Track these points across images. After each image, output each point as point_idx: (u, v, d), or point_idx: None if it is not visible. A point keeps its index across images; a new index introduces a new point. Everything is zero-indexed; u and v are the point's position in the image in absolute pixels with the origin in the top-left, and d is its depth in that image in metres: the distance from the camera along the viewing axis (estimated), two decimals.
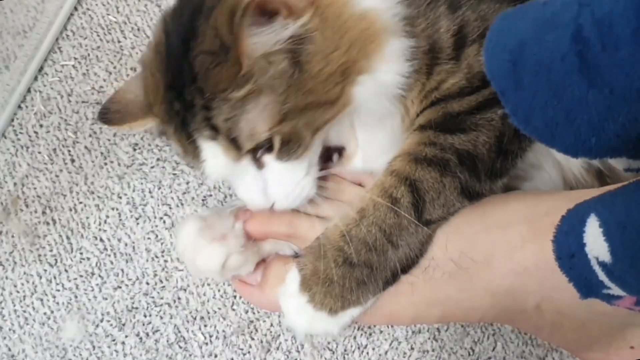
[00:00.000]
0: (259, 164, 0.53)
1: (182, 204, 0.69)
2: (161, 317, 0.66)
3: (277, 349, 0.65)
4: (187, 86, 0.50)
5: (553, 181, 0.60)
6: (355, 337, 0.65)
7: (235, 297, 0.66)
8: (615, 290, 0.40)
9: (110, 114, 0.59)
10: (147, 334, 0.65)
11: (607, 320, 0.53)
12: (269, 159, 0.53)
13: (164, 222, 0.69)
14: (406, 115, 0.57)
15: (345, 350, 0.65)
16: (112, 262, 0.68)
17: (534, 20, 0.38)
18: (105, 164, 0.70)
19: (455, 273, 0.53)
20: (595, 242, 0.39)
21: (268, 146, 0.52)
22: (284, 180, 0.54)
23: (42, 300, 0.67)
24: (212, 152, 0.53)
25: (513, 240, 0.52)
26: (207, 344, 0.65)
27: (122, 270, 0.67)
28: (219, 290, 0.66)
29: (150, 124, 0.57)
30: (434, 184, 0.52)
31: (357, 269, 0.52)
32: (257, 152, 0.53)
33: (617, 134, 0.35)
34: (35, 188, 0.70)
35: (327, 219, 0.57)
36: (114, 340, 0.65)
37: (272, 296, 0.58)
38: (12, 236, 0.68)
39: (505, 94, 0.39)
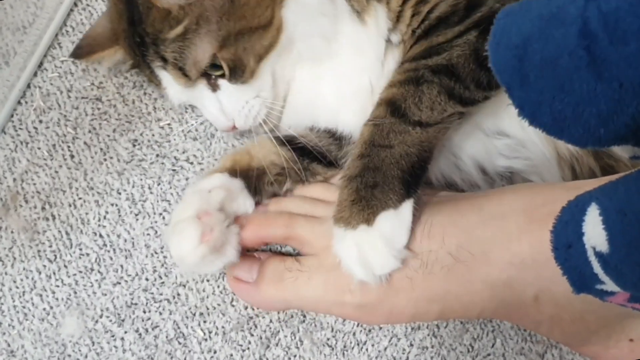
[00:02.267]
0: (214, 87, 0.60)
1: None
2: (160, 313, 0.66)
3: (277, 345, 0.65)
4: (137, 25, 0.58)
5: (547, 157, 0.61)
6: (354, 334, 0.65)
7: (234, 293, 0.66)
8: (609, 285, 0.40)
9: (80, 49, 0.67)
10: (147, 330, 0.65)
11: (605, 312, 0.53)
12: (222, 82, 0.60)
13: (164, 218, 0.69)
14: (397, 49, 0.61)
15: (344, 346, 0.65)
16: (111, 258, 0.67)
17: (539, 16, 0.38)
18: (105, 159, 0.70)
19: (454, 267, 0.54)
20: (594, 231, 0.39)
21: (222, 73, 0.59)
22: (234, 99, 0.60)
23: (41, 296, 0.66)
24: (167, 80, 0.61)
25: (509, 232, 0.52)
26: (206, 340, 0.65)
27: (122, 266, 0.67)
28: (218, 287, 0.66)
29: (118, 56, 0.65)
30: (409, 92, 0.55)
31: (362, 176, 0.54)
32: (210, 77, 0.60)
33: (627, 123, 0.36)
34: (34, 184, 0.70)
35: (323, 219, 0.58)
36: (113, 336, 0.65)
37: (268, 294, 0.60)
38: (12, 232, 0.68)
39: (512, 89, 0.39)
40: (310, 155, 0.66)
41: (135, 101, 0.73)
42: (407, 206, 0.54)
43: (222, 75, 0.60)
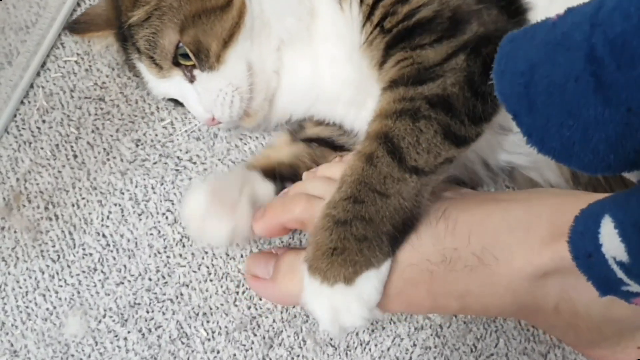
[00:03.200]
0: (190, 78, 0.61)
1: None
2: (163, 313, 0.66)
3: (280, 345, 0.65)
4: (119, 15, 0.61)
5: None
6: (357, 334, 0.65)
7: (237, 292, 0.66)
8: (634, 287, 0.40)
9: (78, 24, 0.68)
10: (150, 330, 0.65)
11: (621, 324, 0.53)
12: (197, 72, 0.60)
13: (167, 218, 0.69)
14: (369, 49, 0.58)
15: (347, 346, 0.65)
16: (114, 258, 0.67)
17: (544, 42, 0.38)
18: (108, 159, 0.70)
19: (477, 268, 0.53)
20: (612, 243, 0.38)
21: (193, 63, 0.59)
22: (208, 89, 0.60)
23: (44, 296, 0.66)
24: (144, 72, 0.62)
25: (533, 244, 0.51)
26: (209, 339, 0.65)
27: (125, 266, 0.67)
28: (221, 286, 0.66)
29: (109, 40, 0.66)
30: (407, 130, 0.51)
31: (351, 225, 0.50)
32: (184, 68, 0.60)
33: (636, 149, 0.35)
34: (37, 184, 0.70)
35: None
36: (116, 336, 0.65)
37: (285, 288, 0.58)
38: (15, 232, 0.68)
39: (519, 116, 0.39)
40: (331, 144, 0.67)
41: (138, 101, 0.72)
42: (387, 265, 0.52)
43: (195, 66, 0.60)
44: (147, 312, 0.66)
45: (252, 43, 0.60)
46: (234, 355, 0.64)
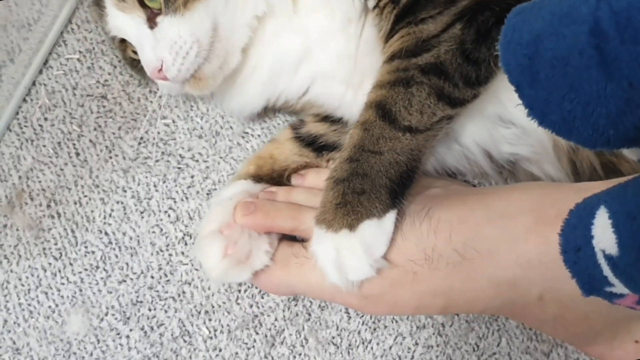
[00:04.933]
0: (151, 24, 0.59)
1: (186, 198, 0.69)
2: (166, 311, 0.66)
3: (282, 343, 0.65)
4: None
5: (544, 146, 0.60)
6: (359, 332, 0.65)
7: (239, 291, 0.66)
8: (618, 287, 0.40)
9: None
10: (152, 328, 0.65)
11: (610, 312, 0.53)
12: (160, 19, 0.58)
13: (169, 215, 0.68)
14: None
15: (349, 345, 0.65)
16: (116, 256, 0.67)
17: (550, 14, 0.38)
18: (110, 157, 0.70)
19: (459, 264, 0.53)
20: (604, 235, 0.38)
21: (159, 6, 0.58)
22: (168, 34, 0.58)
23: (46, 293, 0.66)
24: (107, 3, 0.61)
25: (516, 232, 0.52)
26: (211, 338, 0.65)
27: (127, 264, 0.67)
28: (223, 285, 0.66)
29: None
30: (399, 95, 0.54)
31: (350, 181, 0.54)
32: (150, 12, 0.58)
33: (636, 125, 0.35)
34: (40, 181, 0.70)
35: None
36: (118, 334, 0.65)
37: (275, 277, 0.60)
38: (17, 229, 0.68)
39: (521, 88, 0.39)
40: (326, 147, 0.67)
41: (140, 99, 0.72)
42: (391, 217, 0.54)
43: (160, 11, 0.58)
44: (149, 310, 0.66)
45: (226, 3, 0.59)
46: (236, 353, 0.64)
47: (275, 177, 0.66)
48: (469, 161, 0.64)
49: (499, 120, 0.61)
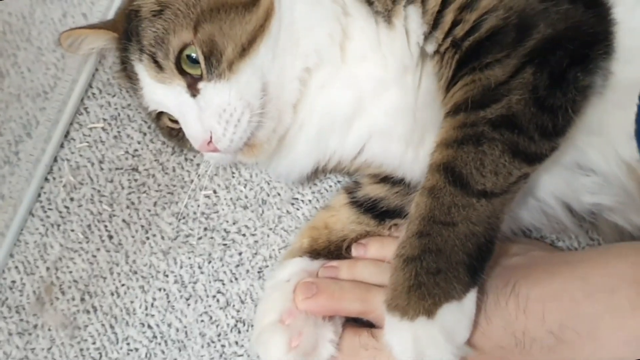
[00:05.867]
0: (193, 91, 0.55)
1: (235, 279, 0.64)
2: None
3: None
4: (130, 14, 0.57)
5: (629, 192, 0.57)
6: None
7: None
8: None
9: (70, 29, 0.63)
10: None
11: None
12: (202, 85, 0.54)
13: (218, 301, 0.63)
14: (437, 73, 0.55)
15: None
16: (163, 352, 0.62)
17: None
18: (147, 238, 0.66)
19: (556, 347, 0.50)
20: None
21: (199, 73, 0.54)
22: (213, 101, 0.54)
23: None
24: (142, 75, 0.57)
25: (621, 307, 0.49)
26: None
27: (176, 359, 0.62)
28: None
29: (101, 41, 0.62)
30: (469, 155, 0.50)
31: (422, 259, 0.50)
32: (188, 77, 0.55)
33: None
34: (70, 272, 0.65)
35: None
36: None
37: None
38: (49, 329, 0.63)
39: None
40: (387, 213, 0.63)
41: (175, 169, 0.67)
42: (471, 296, 0.50)
43: (201, 77, 0.55)
44: None
45: (273, 58, 0.56)
46: None
47: (332, 250, 0.61)
48: (547, 216, 0.60)
49: (578, 169, 0.57)
